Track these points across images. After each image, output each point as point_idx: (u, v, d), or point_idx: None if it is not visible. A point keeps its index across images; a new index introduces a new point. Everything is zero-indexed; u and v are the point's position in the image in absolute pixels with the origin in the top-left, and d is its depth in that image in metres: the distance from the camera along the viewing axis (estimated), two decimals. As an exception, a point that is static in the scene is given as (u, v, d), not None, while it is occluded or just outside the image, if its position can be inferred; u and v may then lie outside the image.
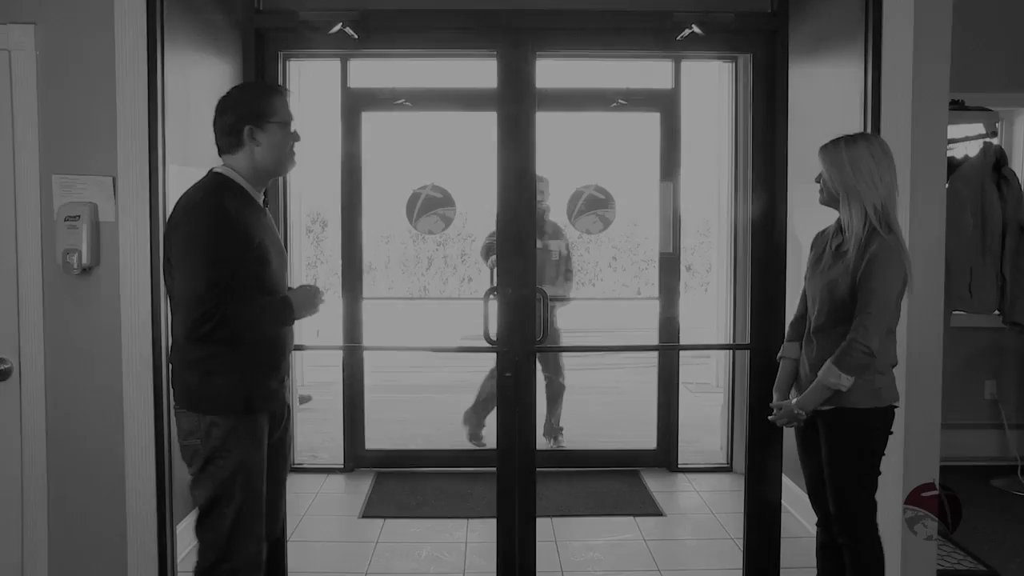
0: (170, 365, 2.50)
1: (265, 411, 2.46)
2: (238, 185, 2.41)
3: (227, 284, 2.29)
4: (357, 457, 4.89)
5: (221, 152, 2.45)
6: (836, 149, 2.60)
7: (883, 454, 2.64)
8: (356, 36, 3.08)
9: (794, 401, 2.66)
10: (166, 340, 2.85)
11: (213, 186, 2.38)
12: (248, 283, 2.35)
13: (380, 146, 4.94)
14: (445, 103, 5.21)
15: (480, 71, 5.14)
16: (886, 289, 2.51)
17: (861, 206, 2.54)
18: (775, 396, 2.80)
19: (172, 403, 2.49)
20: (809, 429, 2.70)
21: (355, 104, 4.78)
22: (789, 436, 2.94)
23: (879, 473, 2.64)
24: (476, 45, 3.29)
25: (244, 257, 2.34)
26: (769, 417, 2.78)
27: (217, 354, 2.34)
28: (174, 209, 2.39)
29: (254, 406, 2.41)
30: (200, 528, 2.42)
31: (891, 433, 2.64)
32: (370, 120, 4.83)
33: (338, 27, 3.03)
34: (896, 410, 2.64)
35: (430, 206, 5.08)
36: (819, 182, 2.66)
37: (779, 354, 2.85)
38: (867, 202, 2.54)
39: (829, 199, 2.65)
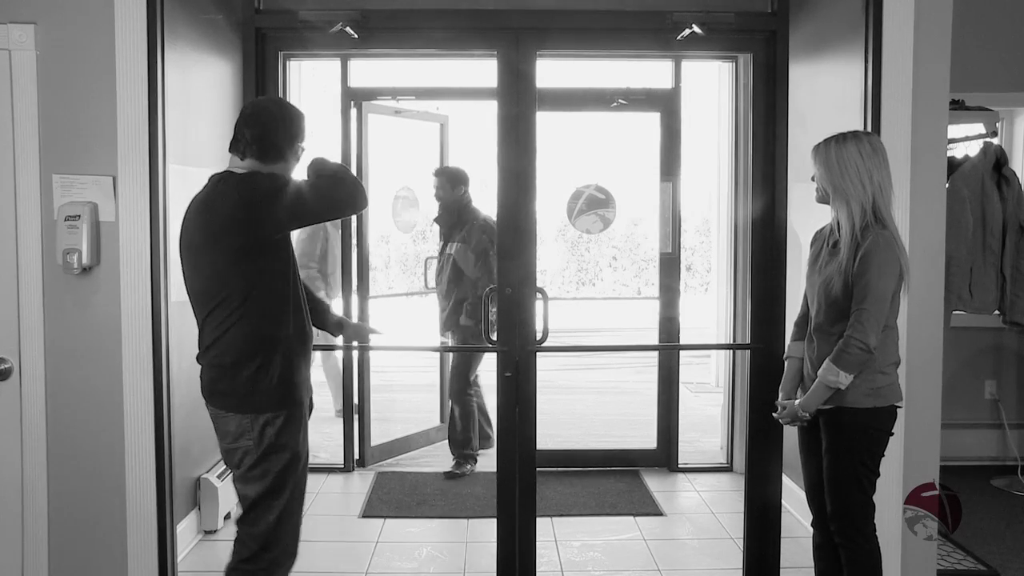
0: (203, 368, 2.50)
1: (306, 399, 2.55)
2: None
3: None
4: (358, 455, 4.90)
5: (251, 158, 2.45)
6: (826, 149, 2.61)
7: (883, 455, 2.64)
8: (356, 36, 3.08)
9: (797, 402, 2.66)
10: (166, 340, 2.85)
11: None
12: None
13: (381, 146, 4.95)
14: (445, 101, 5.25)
15: (480, 71, 5.16)
16: (880, 285, 2.51)
17: (849, 206, 2.55)
18: (780, 395, 2.80)
19: (213, 411, 2.48)
20: (811, 428, 2.70)
21: (356, 103, 4.77)
22: (789, 435, 2.94)
23: (878, 475, 2.64)
24: (476, 45, 3.29)
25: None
26: (774, 415, 2.78)
27: (263, 351, 2.40)
28: (234, 204, 2.36)
29: (300, 396, 2.50)
30: (244, 521, 2.48)
31: (892, 434, 2.64)
32: (371, 120, 4.82)
33: (338, 27, 3.03)
34: (898, 410, 2.64)
35: (406, 207, 5.16)
36: (814, 181, 2.67)
37: (785, 353, 2.85)
38: (854, 202, 2.55)
39: (823, 198, 2.66)
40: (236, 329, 2.40)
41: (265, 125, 2.45)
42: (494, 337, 3.15)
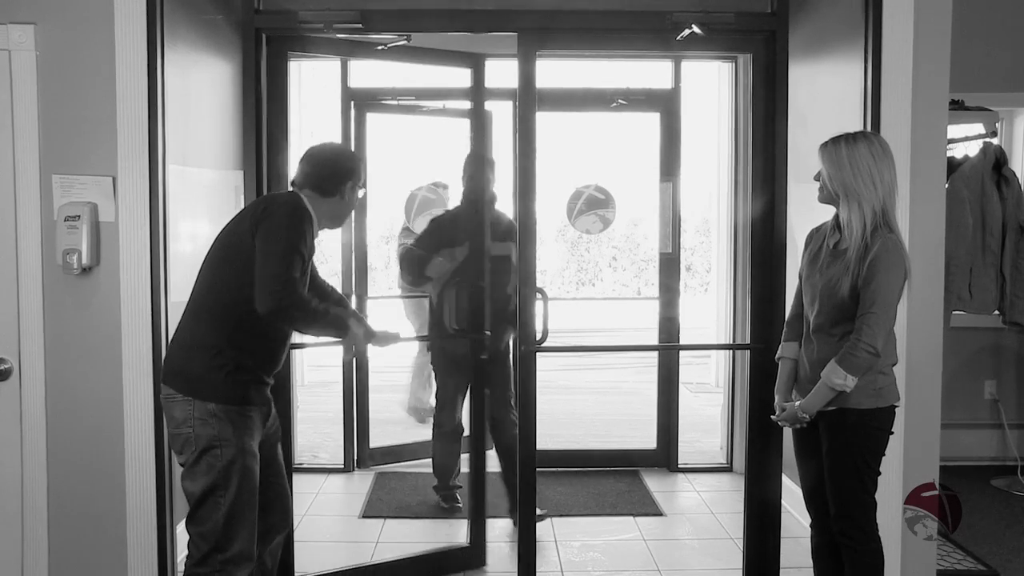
0: (170, 348, 2.57)
1: (258, 405, 2.54)
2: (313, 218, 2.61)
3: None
4: (357, 457, 4.90)
5: (309, 188, 2.61)
6: (836, 148, 2.57)
7: (883, 454, 2.64)
8: (356, 37, 3.08)
9: (798, 403, 2.64)
10: (166, 340, 2.85)
11: (305, 205, 2.58)
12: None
13: (381, 146, 4.94)
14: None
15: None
16: (889, 289, 2.50)
17: (860, 207, 2.52)
18: (777, 398, 2.79)
19: (164, 392, 2.52)
20: (808, 430, 2.69)
21: (355, 103, 4.77)
22: (789, 435, 2.93)
23: (879, 473, 2.64)
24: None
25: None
26: (772, 417, 2.78)
27: (225, 344, 2.45)
28: (269, 203, 2.56)
29: (250, 396, 2.50)
30: (192, 520, 2.46)
31: (892, 433, 2.64)
32: (371, 120, 4.82)
33: (337, 27, 3.03)
34: (896, 410, 2.64)
35: (427, 206, 5.10)
36: (818, 180, 2.64)
37: (777, 354, 2.84)
38: (866, 203, 2.52)
39: (828, 198, 2.62)
40: (210, 316, 2.48)
41: (327, 161, 2.66)
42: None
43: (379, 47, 3.23)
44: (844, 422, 2.59)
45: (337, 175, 2.64)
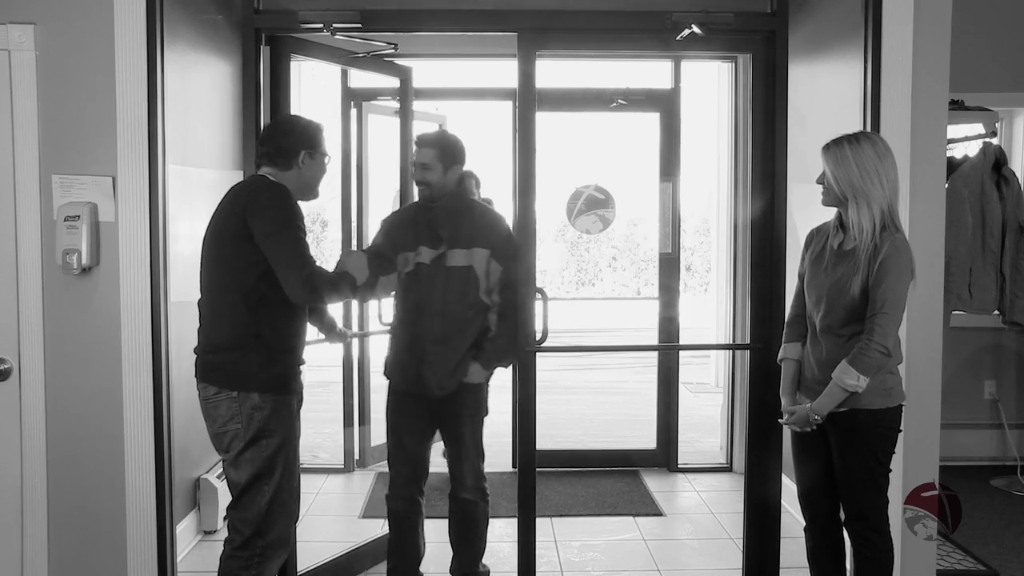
0: (203, 348, 2.59)
1: (296, 392, 2.64)
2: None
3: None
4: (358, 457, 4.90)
5: (266, 166, 2.64)
6: (840, 149, 2.54)
7: (894, 452, 2.65)
8: (356, 37, 3.08)
9: (809, 405, 2.62)
10: (165, 340, 2.86)
11: (274, 182, 2.59)
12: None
13: (381, 146, 4.94)
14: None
15: (481, 72, 5.15)
16: (900, 290, 2.49)
17: (869, 208, 2.50)
18: (784, 400, 2.77)
19: (205, 394, 2.56)
20: (811, 430, 2.69)
21: (356, 103, 4.77)
22: (788, 435, 2.93)
23: (890, 470, 2.65)
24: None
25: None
26: (780, 421, 2.76)
27: (258, 334, 2.51)
28: (258, 193, 2.52)
29: (291, 386, 2.60)
30: (235, 507, 2.55)
31: (901, 431, 2.65)
32: (372, 120, 4.82)
33: (337, 27, 3.04)
34: (903, 408, 2.64)
35: None
36: (822, 183, 2.61)
37: (780, 356, 2.83)
38: (875, 203, 2.50)
39: (835, 200, 2.59)
40: (233, 312, 2.52)
41: (274, 136, 2.66)
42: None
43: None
44: (855, 423, 2.59)
45: (288, 149, 2.63)
